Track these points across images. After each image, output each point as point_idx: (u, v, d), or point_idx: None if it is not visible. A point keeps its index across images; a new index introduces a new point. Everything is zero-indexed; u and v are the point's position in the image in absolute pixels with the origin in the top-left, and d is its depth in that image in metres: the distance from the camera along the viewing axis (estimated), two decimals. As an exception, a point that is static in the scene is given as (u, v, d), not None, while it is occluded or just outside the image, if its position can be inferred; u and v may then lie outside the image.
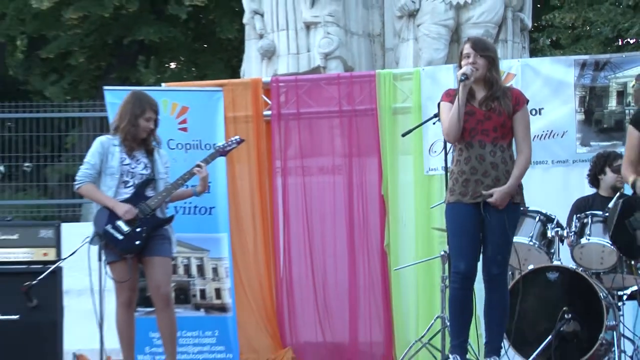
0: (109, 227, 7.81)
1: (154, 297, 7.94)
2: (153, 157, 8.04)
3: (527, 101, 7.37)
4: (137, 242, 7.81)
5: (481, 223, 7.18)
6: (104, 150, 7.94)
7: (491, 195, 7.07)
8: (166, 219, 8.00)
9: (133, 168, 7.95)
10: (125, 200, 7.85)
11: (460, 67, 7.27)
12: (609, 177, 8.70)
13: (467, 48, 7.27)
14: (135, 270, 7.95)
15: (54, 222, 8.85)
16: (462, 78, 7.11)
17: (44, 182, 18.61)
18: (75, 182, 8.00)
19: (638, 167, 7.35)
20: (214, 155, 8.31)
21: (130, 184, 7.93)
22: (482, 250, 7.24)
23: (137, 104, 7.96)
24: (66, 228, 8.58)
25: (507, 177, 7.14)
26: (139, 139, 7.96)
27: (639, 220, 7.26)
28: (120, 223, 7.80)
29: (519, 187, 7.26)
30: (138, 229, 7.81)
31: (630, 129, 7.39)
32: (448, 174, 7.43)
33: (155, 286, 7.90)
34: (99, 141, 8.03)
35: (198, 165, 8.07)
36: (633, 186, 7.23)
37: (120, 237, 7.81)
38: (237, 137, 8.55)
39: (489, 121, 7.17)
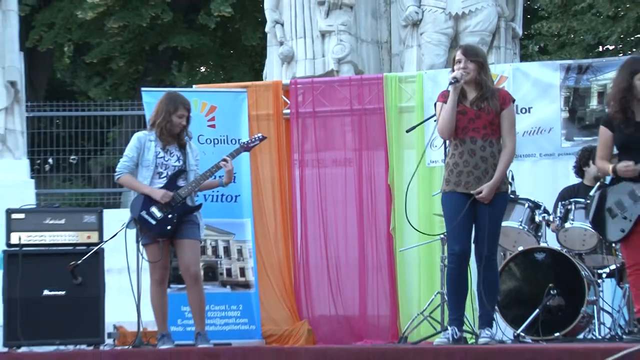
0: (143, 213, 7.82)
1: (184, 276, 7.94)
2: (185, 150, 8.03)
3: (513, 100, 7.39)
4: (168, 227, 7.82)
5: (473, 210, 7.20)
6: (140, 145, 7.95)
7: (480, 192, 7.09)
8: (195, 206, 7.99)
9: (166, 160, 7.95)
10: (159, 189, 7.86)
11: (453, 71, 7.30)
12: (592, 168, 8.67)
13: (458, 54, 7.32)
14: (167, 251, 7.94)
15: (96, 208, 8.85)
16: (453, 81, 7.15)
17: (88, 173, 18.66)
18: (116, 173, 8.04)
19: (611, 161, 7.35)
20: (239, 150, 8.31)
21: (164, 174, 7.93)
22: (474, 233, 7.25)
23: (170, 103, 7.96)
24: (107, 214, 8.58)
25: (495, 168, 7.15)
26: (173, 133, 7.96)
27: (614, 210, 7.27)
28: (153, 209, 7.81)
29: (506, 177, 7.29)
30: (169, 215, 7.80)
31: (603, 129, 7.37)
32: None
33: (185, 266, 7.90)
34: (136, 137, 8.04)
35: (224, 160, 8.06)
36: (614, 171, 7.22)
37: (153, 222, 7.81)
38: (259, 134, 8.56)
39: (479, 119, 7.19)
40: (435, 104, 7.50)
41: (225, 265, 9.62)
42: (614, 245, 8.15)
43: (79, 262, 8.10)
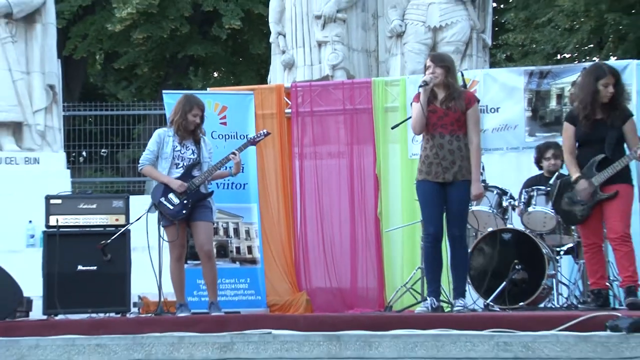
0: (162, 199, 7.87)
1: (200, 253, 7.97)
2: (199, 145, 8.04)
3: (478, 101, 7.50)
4: (184, 211, 7.86)
5: (444, 196, 7.23)
6: (160, 140, 7.99)
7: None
8: (207, 193, 8.01)
9: (183, 153, 7.98)
10: (177, 178, 7.89)
11: (425, 75, 7.37)
12: (547, 162, 8.67)
13: (428, 62, 7.44)
14: (184, 232, 7.98)
15: (123, 194, 8.81)
16: (423, 84, 7.26)
17: (116, 164, 18.69)
18: (139, 165, 8.11)
19: (574, 154, 7.36)
20: (246, 144, 8.33)
21: (181, 165, 7.96)
22: (446, 217, 7.25)
23: (187, 103, 7.98)
24: (133, 200, 8.53)
25: (461, 160, 7.22)
26: (188, 130, 7.97)
27: (573, 198, 7.28)
28: (171, 196, 7.86)
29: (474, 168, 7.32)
30: (185, 201, 7.85)
31: (566, 125, 7.39)
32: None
33: (199, 245, 7.94)
34: (157, 133, 8.08)
35: (233, 153, 8.07)
36: (575, 182, 7.24)
37: (171, 207, 7.85)
38: (264, 130, 8.58)
39: (447, 117, 7.26)
40: (412, 104, 7.53)
41: (235, 244, 9.60)
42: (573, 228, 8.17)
43: (109, 241, 8.08)
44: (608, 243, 7.39)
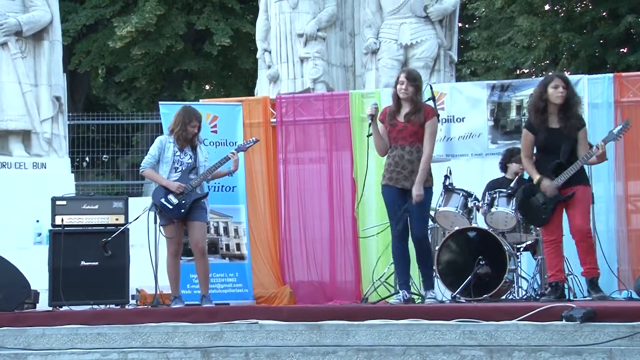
0: (162, 200, 7.86)
1: (194, 250, 7.96)
2: (196, 151, 8.06)
3: (437, 115, 7.57)
4: (182, 211, 7.84)
5: (406, 199, 7.31)
6: (162, 146, 8.02)
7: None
8: (203, 195, 8.00)
9: (182, 158, 8.00)
10: (175, 181, 7.88)
11: (395, 88, 7.39)
12: (513, 166, 8.69)
13: (402, 77, 7.46)
14: (181, 230, 7.96)
15: (123, 196, 8.78)
16: (370, 117, 7.44)
17: (117, 168, 18.59)
18: (140, 168, 8.11)
19: (532, 159, 7.38)
20: (238, 150, 8.33)
21: (179, 169, 7.98)
22: (409, 219, 7.29)
23: (186, 115, 8.02)
24: (132, 201, 8.50)
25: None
26: (187, 139, 7.97)
27: (537, 201, 7.28)
28: (170, 197, 7.85)
29: (430, 176, 7.36)
30: (183, 202, 7.84)
31: (526, 132, 7.41)
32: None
33: (194, 242, 7.94)
34: (159, 139, 8.12)
35: (232, 152, 8.13)
36: (538, 183, 7.25)
37: (170, 207, 7.84)
38: (254, 138, 8.61)
39: (406, 130, 7.37)
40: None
41: (225, 242, 9.54)
42: (534, 227, 8.18)
43: (109, 239, 8.04)
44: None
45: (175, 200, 7.82)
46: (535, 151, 7.41)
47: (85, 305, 7.81)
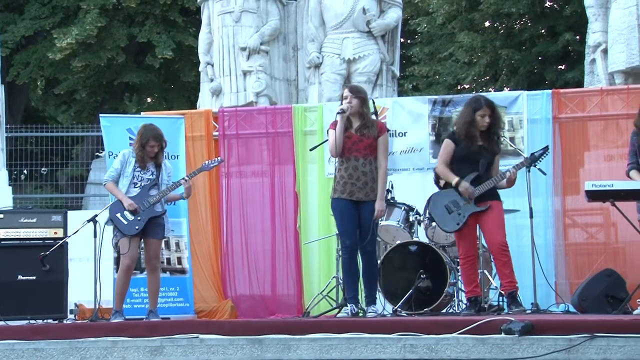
0: (118, 215, 7.86)
1: (147, 265, 8.07)
2: (160, 168, 8.04)
3: (388, 130, 7.70)
4: (136, 227, 7.86)
5: (358, 214, 7.35)
6: (124, 160, 8.03)
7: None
8: (161, 212, 8.01)
9: (142, 174, 7.99)
10: (132, 197, 7.88)
11: (342, 104, 7.45)
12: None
13: (346, 92, 7.57)
14: (136, 246, 7.95)
15: (62, 210, 8.69)
16: (340, 111, 7.40)
17: (56, 182, 18.33)
18: (103, 180, 8.13)
19: (449, 166, 7.48)
20: (201, 169, 8.37)
21: (138, 185, 7.98)
22: (359, 233, 7.30)
23: (144, 136, 8.01)
24: (71, 215, 8.43)
25: (373, 181, 7.37)
26: (148, 157, 7.97)
27: (450, 207, 7.46)
28: (126, 213, 7.86)
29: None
30: (138, 218, 7.85)
31: (448, 142, 7.58)
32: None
33: (148, 258, 8.02)
34: (122, 153, 8.13)
35: (184, 179, 8.12)
36: (456, 186, 7.35)
37: (124, 222, 7.85)
38: (218, 157, 8.77)
39: (361, 142, 7.41)
40: (328, 130, 7.59)
41: (166, 255, 9.45)
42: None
43: (47, 253, 7.95)
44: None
45: (130, 217, 7.83)
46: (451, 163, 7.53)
47: (22, 320, 7.69)
